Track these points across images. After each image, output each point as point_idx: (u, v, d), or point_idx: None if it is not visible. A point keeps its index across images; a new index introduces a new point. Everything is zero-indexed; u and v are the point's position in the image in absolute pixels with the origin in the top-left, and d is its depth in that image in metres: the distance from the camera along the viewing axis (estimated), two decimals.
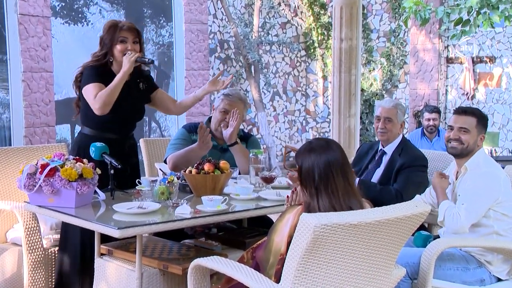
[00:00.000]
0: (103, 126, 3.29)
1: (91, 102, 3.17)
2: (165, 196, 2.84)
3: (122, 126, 3.36)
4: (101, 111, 3.16)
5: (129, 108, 3.32)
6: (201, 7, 7.06)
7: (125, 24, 3.30)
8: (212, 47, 7.39)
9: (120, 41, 3.25)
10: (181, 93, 7.01)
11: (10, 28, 5.56)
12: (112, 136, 3.30)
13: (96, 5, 6.36)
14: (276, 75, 8.19)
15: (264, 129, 7.64)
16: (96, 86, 3.18)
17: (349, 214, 2.01)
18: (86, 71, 3.26)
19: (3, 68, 5.62)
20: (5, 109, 5.65)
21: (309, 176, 2.24)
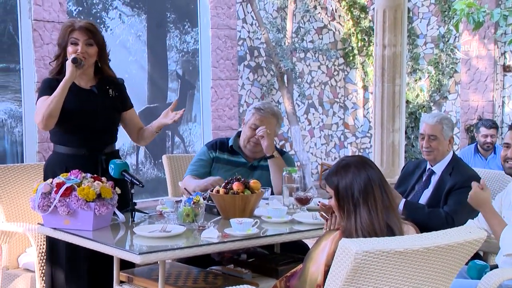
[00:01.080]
0: (68, 140, 3.24)
1: (34, 116, 3.16)
2: (191, 218, 2.87)
3: (91, 139, 3.26)
4: (43, 125, 3.12)
5: (94, 116, 3.25)
6: (229, 11, 7.13)
7: (79, 24, 3.24)
8: (241, 55, 7.45)
9: (71, 43, 3.21)
10: (207, 105, 7.06)
11: (24, 35, 5.68)
12: (81, 151, 3.23)
13: (116, 9, 6.47)
14: (311, 85, 8.20)
15: (298, 144, 7.64)
16: (44, 99, 3.16)
17: (394, 240, 2.00)
18: (40, 84, 3.26)
19: (15, 78, 5.74)
20: (17, 123, 5.76)
21: (347, 194, 2.29)
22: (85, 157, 3.22)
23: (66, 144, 3.25)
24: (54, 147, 3.32)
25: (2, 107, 5.68)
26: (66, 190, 2.80)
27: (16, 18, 5.69)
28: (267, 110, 3.73)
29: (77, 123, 3.21)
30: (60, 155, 3.26)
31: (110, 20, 6.41)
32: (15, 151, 5.76)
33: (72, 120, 3.19)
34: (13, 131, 5.76)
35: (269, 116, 3.72)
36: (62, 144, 3.26)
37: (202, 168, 3.74)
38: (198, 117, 7.08)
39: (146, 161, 6.71)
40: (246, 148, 3.73)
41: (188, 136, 7.08)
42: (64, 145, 3.25)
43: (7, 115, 5.71)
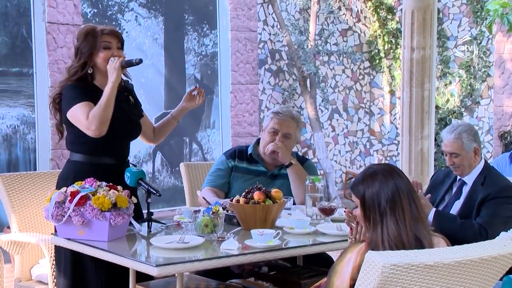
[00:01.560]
0: (97, 150, 3.23)
1: (83, 124, 3.12)
2: (209, 229, 2.88)
3: (119, 148, 3.31)
4: (99, 132, 3.12)
5: (123, 123, 3.28)
6: (249, 13, 7.15)
7: (106, 28, 3.26)
8: (262, 58, 7.46)
9: (103, 47, 3.22)
10: (226, 111, 7.08)
11: (37, 38, 5.75)
12: (109, 161, 3.25)
13: (132, 11, 6.52)
14: (335, 89, 8.19)
15: (321, 152, 7.63)
16: (84, 105, 3.15)
17: (424, 252, 1.99)
18: (66, 91, 3.22)
19: (28, 83, 5.81)
20: (30, 129, 5.83)
21: (373, 203, 2.28)
22: (115, 166, 3.23)
23: (95, 153, 3.23)
24: (74, 156, 3.29)
25: (14, 113, 5.75)
26: (81, 199, 2.82)
27: (29, 21, 5.76)
28: (285, 113, 3.73)
29: (113, 132, 3.20)
30: (83, 164, 3.23)
31: (126, 22, 6.46)
32: (28, 158, 5.82)
33: (109, 127, 3.17)
34: (25, 138, 5.82)
35: (288, 119, 3.72)
36: (88, 153, 3.23)
37: (220, 179, 3.75)
38: (217, 123, 7.10)
39: (162, 169, 6.74)
40: (266, 156, 3.73)
41: (207, 143, 7.09)
42: (92, 154, 3.23)
43: (20, 121, 5.78)
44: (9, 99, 5.73)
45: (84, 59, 3.22)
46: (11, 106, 5.73)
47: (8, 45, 5.71)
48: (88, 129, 3.12)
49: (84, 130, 3.14)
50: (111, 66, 3.17)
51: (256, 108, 7.25)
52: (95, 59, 3.23)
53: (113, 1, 6.39)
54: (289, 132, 3.71)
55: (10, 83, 5.75)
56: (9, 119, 5.72)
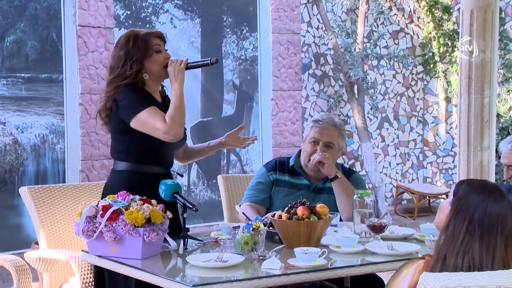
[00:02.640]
0: (147, 158, 3.30)
1: (161, 129, 3.18)
2: (250, 246, 2.88)
3: (166, 156, 3.38)
4: (178, 136, 3.21)
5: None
6: (292, 14, 7.16)
7: (152, 32, 3.34)
8: (306, 63, 7.46)
9: (155, 51, 3.28)
10: (267, 119, 7.09)
11: (68, 42, 5.84)
12: (159, 170, 3.32)
13: (167, 13, 6.59)
14: (385, 96, 8.15)
15: (370, 164, 7.58)
16: (153, 110, 3.21)
17: (488, 275, 1.96)
18: (125, 97, 3.25)
19: (58, 90, 5.90)
20: (59, 139, 5.91)
21: (468, 212, 2.17)
22: (163, 176, 3.30)
23: (144, 161, 3.30)
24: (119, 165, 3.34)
25: (43, 121, 5.83)
26: (113, 214, 2.85)
27: (59, 24, 5.86)
28: (326, 120, 3.71)
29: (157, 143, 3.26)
30: (131, 174, 3.30)
31: (161, 24, 6.53)
32: (57, 169, 5.90)
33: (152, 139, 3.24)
34: (54, 148, 5.90)
35: (329, 127, 3.70)
36: (137, 162, 3.30)
37: (261, 193, 3.75)
38: (257, 133, 7.11)
39: (198, 182, 6.77)
40: (308, 167, 3.73)
41: (246, 153, 7.10)
42: (141, 163, 3.30)
43: (49, 130, 5.86)
44: (37, 107, 5.83)
45: (137, 65, 3.27)
46: (39, 115, 5.83)
47: (37, 49, 5.82)
48: (166, 134, 3.17)
49: (160, 135, 3.18)
50: (174, 69, 3.24)
51: (299, 116, 7.25)
52: (147, 64, 3.29)
53: (147, 3, 6.46)
54: (331, 141, 3.70)
55: (39, 90, 5.85)
56: (38, 128, 5.81)
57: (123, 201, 2.91)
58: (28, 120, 5.79)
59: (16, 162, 5.74)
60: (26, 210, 3.82)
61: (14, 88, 5.77)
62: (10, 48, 5.73)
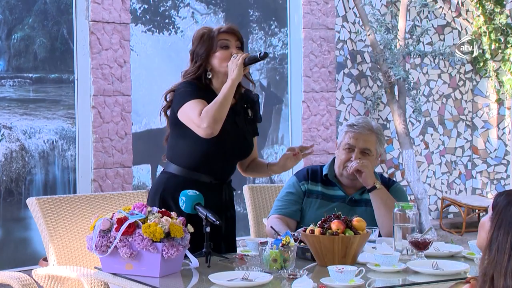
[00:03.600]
0: (197, 164, 3.41)
1: (194, 122, 3.30)
2: (279, 264, 2.89)
3: (223, 165, 3.47)
4: (210, 131, 3.28)
5: (234, 140, 3.45)
6: (326, 7, 7.16)
7: (223, 26, 3.46)
8: (341, 61, 7.46)
9: (220, 46, 3.41)
10: (297, 123, 7.08)
11: (79, 39, 5.89)
12: (207, 179, 3.43)
13: (188, 7, 6.62)
14: (429, 98, 8.11)
15: (412, 173, 7.55)
16: (197, 102, 3.33)
17: None
18: (180, 87, 3.42)
19: (69, 91, 5.93)
20: (70, 145, 5.94)
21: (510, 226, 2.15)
22: (210, 185, 3.41)
23: (193, 168, 3.42)
24: (170, 167, 3.47)
25: (52, 126, 5.87)
26: (129, 227, 2.87)
27: (71, 19, 5.90)
28: (361, 125, 3.71)
29: (219, 148, 3.39)
30: (178, 178, 3.42)
31: (181, 20, 6.56)
32: (67, 179, 5.93)
33: (217, 143, 3.36)
34: (64, 155, 5.92)
35: (366, 132, 3.69)
36: (186, 167, 3.42)
37: (291, 205, 3.75)
38: (286, 138, 7.12)
39: None
40: (343, 176, 3.72)
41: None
42: (190, 168, 3.42)
43: (58, 135, 5.89)
44: (46, 110, 5.86)
45: (200, 61, 3.43)
46: (48, 118, 5.87)
47: (47, 47, 5.86)
48: (198, 127, 3.28)
49: (195, 129, 3.30)
50: (232, 63, 3.34)
51: (333, 120, 7.24)
52: (212, 60, 3.42)
53: None
54: (367, 148, 3.69)
55: (48, 91, 5.88)
56: (46, 133, 5.84)
57: (140, 213, 2.93)
58: (36, 124, 5.82)
59: (23, 170, 5.77)
60: (34, 223, 3.85)
61: (21, 90, 5.81)
62: (17, 46, 5.78)
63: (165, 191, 3.41)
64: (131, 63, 6.09)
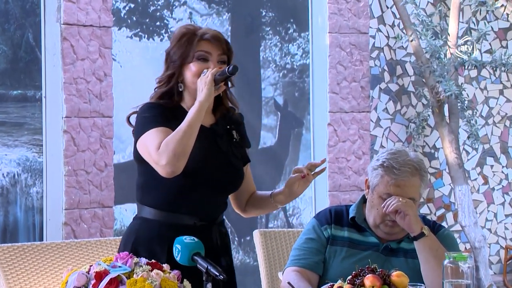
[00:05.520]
0: (174, 202, 3.43)
1: (153, 157, 3.32)
2: None
3: (207, 200, 3.49)
4: (170, 169, 3.29)
5: (217, 167, 3.46)
6: (357, 6, 7.16)
7: (207, 32, 3.50)
8: (376, 73, 7.45)
9: (198, 58, 3.47)
10: (321, 152, 7.08)
11: (49, 46, 5.89)
12: (190, 220, 3.44)
13: (185, 6, 6.62)
14: (488, 120, 8.11)
15: (467, 215, 7.53)
16: (158, 132, 3.36)
17: None
18: (140, 112, 3.49)
19: (35, 112, 5.90)
20: (35, 179, 5.92)
21: None
22: (195, 229, 3.40)
23: (171, 209, 3.43)
24: (143, 211, 3.49)
25: (14, 155, 5.84)
26: (111, 284, 2.89)
27: (38, 22, 5.90)
28: (404, 169, 3.69)
29: (199, 178, 3.40)
30: (155, 223, 3.43)
31: (176, 22, 6.57)
32: (32, 222, 5.90)
33: (195, 172, 3.37)
34: (29, 192, 5.89)
35: (408, 177, 3.69)
36: (162, 208, 3.43)
37: (312, 255, 3.76)
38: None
39: None
40: (379, 229, 3.74)
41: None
42: (167, 210, 3.43)
43: (21, 167, 5.86)
44: (6, 135, 5.84)
45: (172, 69, 3.51)
46: (9, 146, 5.84)
47: (8, 57, 5.84)
48: (157, 164, 3.31)
49: (154, 167, 3.34)
50: (201, 81, 3.39)
51: (367, 148, 7.24)
52: (184, 71, 3.50)
53: None
54: (412, 197, 3.71)
55: (8, 112, 5.85)
56: (6, 164, 5.82)
57: (124, 265, 2.96)
58: None
59: None
60: None
61: None
62: None
63: (138, 241, 3.41)
64: (113, 77, 6.10)
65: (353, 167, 7.16)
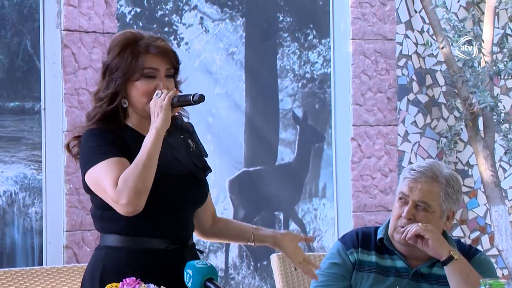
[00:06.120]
0: (140, 226, 3.35)
1: (110, 195, 3.23)
2: None
3: (175, 223, 3.42)
4: (132, 208, 3.22)
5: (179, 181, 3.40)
6: (383, 10, 7.16)
7: (151, 43, 3.41)
8: (404, 84, 7.45)
9: (145, 75, 3.37)
10: (345, 169, 7.08)
11: (48, 54, 5.91)
12: (162, 244, 3.37)
13: (195, 10, 6.63)
14: None
15: (504, 238, 7.51)
16: (111, 164, 3.26)
17: None
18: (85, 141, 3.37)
19: (33, 125, 5.91)
20: (34, 198, 5.92)
21: None
22: (168, 253, 3.35)
23: (137, 232, 3.36)
24: (107, 239, 3.43)
25: (10, 173, 5.85)
26: None
27: (37, 28, 5.92)
28: (422, 169, 3.71)
29: (164, 194, 3.33)
30: (122, 251, 3.36)
31: (186, 28, 6.59)
32: (30, 244, 5.90)
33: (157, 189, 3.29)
34: (27, 212, 5.90)
35: (425, 179, 3.70)
36: (127, 233, 3.36)
37: (337, 281, 3.77)
38: (330, 189, 7.11)
39: (241, 264, 6.78)
40: (394, 239, 3.74)
41: (313, 221, 7.09)
42: (133, 234, 3.36)
43: (19, 185, 5.86)
44: (3, 150, 5.85)
45: (114, 87, 3.38)
46: (5, 162, 5.85)
47: (4, 66, 5.85)
48: (116, 203, 3.24)
49: (111, 204, 3.27)
50: (156, 104, 3.29)
51: (394, 164, 7.23)
52: (130, 88, 3.39)
53: None
54: (424, 201, 3.70)
55: (5, 125, 5.86)
56: (3, 182, 5.82)
57: None
58: None
59: None
60: None
61: None
62: None
63: (106, 273, 3.33)
64: None
65: (379, 185, 7.15)
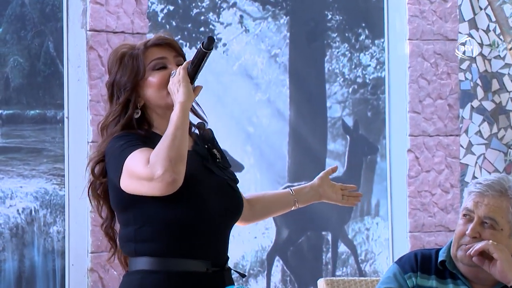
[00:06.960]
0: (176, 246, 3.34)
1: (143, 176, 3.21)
2: None
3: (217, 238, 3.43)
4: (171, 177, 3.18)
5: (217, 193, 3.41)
6: (443, 7, 7.14)
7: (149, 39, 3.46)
8: (467, 89, 7.43)
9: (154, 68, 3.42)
10: (400, 184, 7.07)
11: (73, 57, 5.94)
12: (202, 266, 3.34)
13: (234, 8, 6.66)
14: None
15: None
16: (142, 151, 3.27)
17: None
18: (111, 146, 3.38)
19: (55, 135, 5.93)
20: (56, 216, 5.94)
21: None
22: (208, 277, 3.34)
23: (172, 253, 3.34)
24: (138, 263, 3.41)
25: (30, 188, 5.86)
26: None
27: (60, 28, 5.97)
28: (489, 183, 3.72)
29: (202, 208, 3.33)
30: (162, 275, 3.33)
31: (224, 27, 6.64)
32: (52, 267, 5.93)
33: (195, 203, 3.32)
34: (48, 231, 5.92)
35: (492, 193, 3.69)
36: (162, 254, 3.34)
37: None
38: (383, 207, 7.11)
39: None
40: (457, 258, 3.75)
41: (365, 242, 7.10)
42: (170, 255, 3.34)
43: (39, 201, 5.88)
44: (22, 163, 5.88)
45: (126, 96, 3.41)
46: (25, 176, 5.87)
47: (24, 70, 5.87)
48: (152, 180, 3.20)
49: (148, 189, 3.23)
50: (173, 83, 3.34)
51: (456, 179, 7.21)
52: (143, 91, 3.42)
53: None
54: (490, 217, 3.70)
55: (24, 135, 5.89)
56: (22, 198, 5.84)
57: None
58: (6, 185, 5.80)
59: None
60: None
61: None
62: None
63: None
64: None
65: (439, 202, 7.13)
